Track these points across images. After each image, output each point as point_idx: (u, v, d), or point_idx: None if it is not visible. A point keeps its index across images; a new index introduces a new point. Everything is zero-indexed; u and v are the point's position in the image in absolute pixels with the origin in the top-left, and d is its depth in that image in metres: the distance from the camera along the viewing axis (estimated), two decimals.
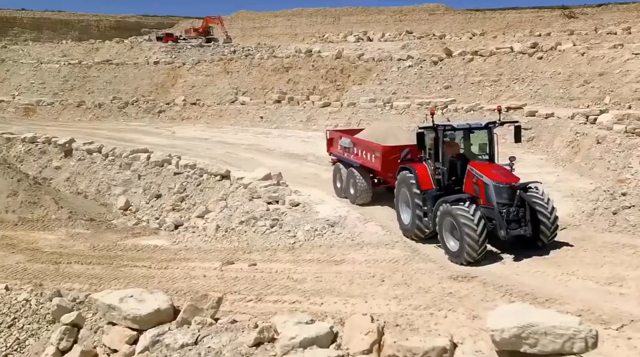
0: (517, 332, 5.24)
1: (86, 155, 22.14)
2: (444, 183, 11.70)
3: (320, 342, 6.54)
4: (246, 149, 24.16)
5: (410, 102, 29.21)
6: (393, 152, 13.76)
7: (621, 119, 18.21)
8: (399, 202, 12.77)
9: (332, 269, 10.44)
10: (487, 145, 12.10)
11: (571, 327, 5.25)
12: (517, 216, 10.64)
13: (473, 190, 11.14)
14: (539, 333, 5.21)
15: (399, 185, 12.76)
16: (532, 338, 5.22)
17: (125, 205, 18.89)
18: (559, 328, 5.21)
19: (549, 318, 5.36)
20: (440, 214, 10.93)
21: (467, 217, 10.27)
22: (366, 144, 14.97)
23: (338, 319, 7.23)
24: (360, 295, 8.78)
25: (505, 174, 11.33)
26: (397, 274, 9.64)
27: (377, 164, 14.26)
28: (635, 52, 28.93)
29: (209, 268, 11.37)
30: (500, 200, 10.68)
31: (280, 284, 9.88)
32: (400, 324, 6.78)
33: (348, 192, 15.35)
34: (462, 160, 11.85)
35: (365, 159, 14.86)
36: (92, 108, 41.76)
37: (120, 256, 13.15)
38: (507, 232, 10.44)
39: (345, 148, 15.92)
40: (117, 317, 8.81)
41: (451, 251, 10.75)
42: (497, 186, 10.77)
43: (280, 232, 12.88)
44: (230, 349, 6.94)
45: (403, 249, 11.26)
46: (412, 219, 12.04)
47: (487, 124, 12.05)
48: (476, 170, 11.25)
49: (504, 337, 5.25)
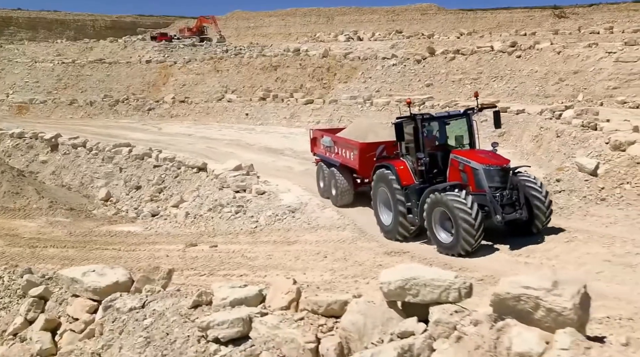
0: (401, 284, 6.00)
1: (71, 150, 22.97)
2: (427, 175, 11.22)
3: (249, 302, 7.32)
4: (227, 144, 25.00)
5: (390, 99, 30.03)
6: (371, 149, 13.32)
7: (580, 114, 19.02)
8: (378, 203, 12.16)
9: (284, 248, 11.28)
10: (466, 134, 11.66)
11: (447, 280, 6.01)
12: (510, 199, 10.18)
13: (460, 178, 10.64)
14: (419, 285, 5.96)
15: (376, 184, 12.16)
16: (414, 289, 5.98)
17: (106, 196, 19.73)
18: (437, 280, 5.98)
19: (429, 273, 6.16)
20: (429, 205, 10.37)
21: (461, 205, 9.72)
22: (345, 141, 14.66)
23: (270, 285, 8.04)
24: (301, 268, 9.61)
25: (494, 156, 10.94)
26: (339, 251, 10.48)
27: (356, 161, 13.87)
28: (608, 51, 29.83)
29: (173, 250, 12.21)
30: (493, 184, 10.22)
31: (234, 261, 10.72)
32: (321, 287, 7.61)
33: (330, 193, 14.91)
34: (442, 151, 11.45)
35: (345, 158, 14.47)
36: (83, 106, 42.62)
37: (94, 240, 13.98)
38: (503, 217, 9.92)
39: (326, 147, 15.47)
40: (80, 289, 9.58)
41: (444, 244, 10.21)
42: (488, 169, 10.29)
43: (244, 218, 13.71)
44: (172, 310, 7.73)
45: (352, 231, 12.09)
46: (395, 218, 11.44)
47: (466, 111, 11.72)
48: (462, 157, 10.79)
49: (390, 289, 6.02)
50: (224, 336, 6.77)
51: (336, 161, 14.79)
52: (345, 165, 14.47)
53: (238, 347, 6.66)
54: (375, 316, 6.19)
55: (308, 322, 6.49)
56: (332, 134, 16.00)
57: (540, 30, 52.52)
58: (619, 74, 28.49)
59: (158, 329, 7.49)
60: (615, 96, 27.62)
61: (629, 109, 26.28)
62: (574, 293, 5.14)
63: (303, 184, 16.52)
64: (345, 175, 14.45)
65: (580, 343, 4.41)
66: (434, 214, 10.34)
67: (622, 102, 26.89)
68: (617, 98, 27.29)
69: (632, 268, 8.02)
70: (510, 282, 5.51)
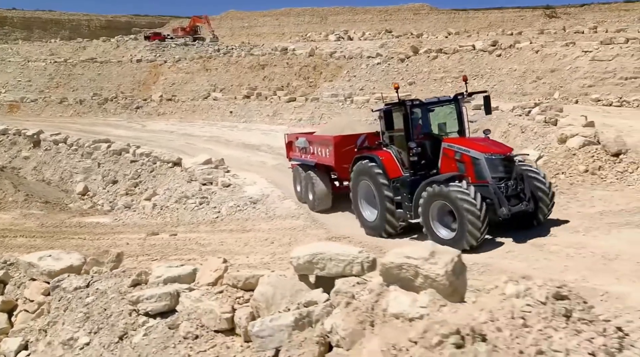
0: (309, 258, 6.53)
1: (52, 146, 23.49)
2: (418, 165, 10.40)
3: (182, 280, 7.85)
4: (207, 141, 25.52)
5: (369, 96, 30.55)
6: (346, 142, 12.46)
7: (544, 110, 19.55)
8: (358, 198, 11.29)
9: (238, 235, 11.79)
10: (453, 121, 10.91)
11: (351, 255, 6.54)
12: (516, 190, 9.45)
13: (455, 169, 9.78)
14: (325, 259, 6.49)
15: (356, 178, 11.24)
16: (321, 263, 6.51)
17: (84, 190, 20.24)
18: (342, 255, 6.50)
19: (335, 248, 6.71)
20: (426, 198, 9.49)
21: (465, 196, 8.91)
22: (319, 139, 13.85)
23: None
24: (246, 253, 10.13)
25: (494, 144, 10.31)
26: (286, 237, 11.00)
27: (331, 158, 12.85)
28: (585, 50, 30.37)
29: (135, 238, 12.71)
30: (496, 174, 9.43)
31: (187, 248, 11.24)
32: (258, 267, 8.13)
33: (307, 197, 13.89)
34: (429, 140, 10.59)
35: (320, 156, 13.50)
36: (73, 104, 43.16)
37: (63, 231, 14.48)
38: (509, 210, 9.07)
39: (301, 149, 14.49)
40: (36, 273, 10.11)
41: (444, 240, 9.07)
42: (491, 158, 9.49)
43: (207, 209, 14.23)
44: (113, 289, 8.26)
45: (305, 220, 12.60)
46: (381, 214, 10.59)
47: (456, 96, 10.91)
48: (458, 145, 9.94)
49: (299, 263, 6.55)
50: (152, 309, 7.32)
51: (312, 161, 13.82)
52: (322, 165, 13.47)
53: (165, 319, 7.21)
54: (285, 287, 6.72)
55: (226, 295, 7.04)
56: (307, 135, 15.01)
57: (531, 30, 53.04)
58: (594, 72, 29.04)
59: (97, 305, 8.05)
60: (590, 94, 28.18)
61: (602, 106, 26.86)
62: (448, 261, 5.67)
63: (271, 178, 17.02)
64: (322, 178, 13.39)
65: (437, 302, 4.93)
66: (432, 209, 9.41)
67: (596, 100, 27.45)
68: (591, 96, 27.86)
69: (539, 248, 8.54)
70: (394, 253, 6.04)
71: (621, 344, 3.83)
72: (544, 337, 3.62)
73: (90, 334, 7.56)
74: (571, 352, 3.51)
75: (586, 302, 4.11)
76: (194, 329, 6.78)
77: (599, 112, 24.46)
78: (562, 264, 7.39)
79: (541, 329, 3.67)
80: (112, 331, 7.26)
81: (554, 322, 3.77)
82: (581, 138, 12.96)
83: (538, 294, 3.98)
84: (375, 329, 5.20)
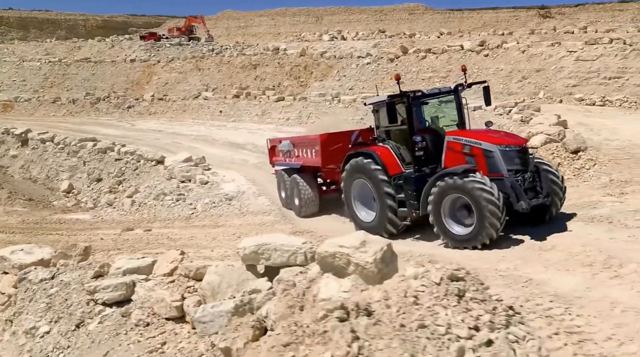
0: (255, 249, 6.86)
1: (40, 144, 23.81)
2: (423, 160, 9.85)
3: (141, 271, 8.17)
4: (194, 140, 25.83)
5: (357, 96, 30.85)
6: (334, 140, 11.96)
7: (522, 109, 19.87)
8: (352, 198, 10.71)
9: (208, 231, 12.10)
10: (451, 113, 10.43)
11: (295, 245, 6.88)
12: (532, 183, 9.06)
13: (463, 162, 9.24)
14: (270, 249, 6.83)
15: (349, 177, 10.63)
16: (266, 253, 6.84)
17: (69, 188, 20.55)
18: (286, 246, 6.84)
19: (280, 239, 7.03)
20: (438, 193, 8.93)
21: (486, 188, 8.38)
22: (304, 140, 13.31)
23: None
24: (212, 247, 10.45)
25: (508, 135, 9.92)
26: (253, 232, 11.29)
27: (318, 158, 12.24)
28: (569, 50, 30.68)
29: (111, 234, 13.03)
30: (512, 166, 8.96)
31: (158, 242, 11.55)
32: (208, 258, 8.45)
33: (292, 203, 13.22)
34: (429, 134, 10.06)
35: (306, 158, 12.92)
36: (66, 104, 43.46)
37: (43, 227, 14.80)
38: (528, 204, 8.63)
39: (285, 152, 13.92)
40: (8, 266, 10.43)
41: (459, 236, 8.74)
42: (506, 150, 9.01)
43: (183, 205, 14.55)
44: (76, 280, 8.58)
45: (276, 216, 12.91)
46: (381, 213, 10.01)
47: (457, 87, 10.40)
48: (467, 138, 9.40)
49: (245, 253, 6.88)
50: (108, 298, 7.65)
51: (297, 164, 13.29)
52: (308, 167, 12.95)
53: (120, 308, 7.53)
54: (232, 277, 7.03)
55: (178, 285, 7.37)
56: (291, 138, 14.57)
57: (525, 31, 53.35)
58: (579, 72, 29.35)
59: (60, 296, 8.37)
60: (574, 94, 28.47)
61: (585, 105, 27.18)
62: (377, 250, 6.02)
63: (249, 175, 17.32)
64: (308, 181, 12.79)
65: (359, 286, 5.25)
66: (444, 204, 8.89)
67: (579, 99, 27.74)
68: (575, 95, 28.15)
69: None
70: (328, 243, 6.38)
71: (508, 321, 4.15)
72: (430, 313, 3.93)
73: (50, 323, 7.88)
74: (452, 327, 3.82)
75: (483, 284, 4.42)
76: (145, 317, 7.09)
77: (580, 112, 24.78)
78: (500, 254, 7.71)
79: (430, 307, 3.98)
80: (70, 319, 7.58)
81: (445, 300, 4.08)
82: (544, 136, 13.31)
83: (434, 276, 4.29)
84: (303, 312, 5.51)
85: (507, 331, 4.08)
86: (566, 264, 6.60)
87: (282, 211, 13.31)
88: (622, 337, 4.52)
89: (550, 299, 5.35)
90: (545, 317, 4.83)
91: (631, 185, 9.97)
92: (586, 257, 6.81)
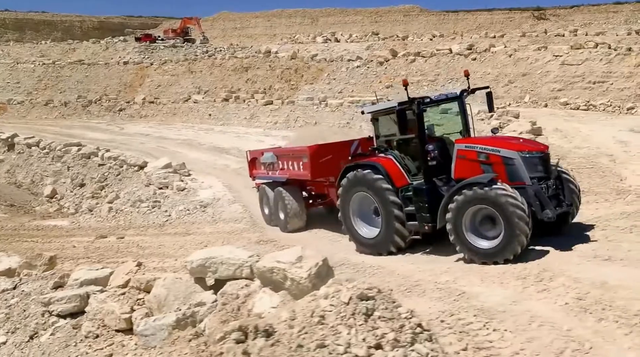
0: (202, 262, 7.02)
1: (25, 149, 23.98)
2: (435, 169, 9.37)
3: (98, 282, 8.32)
4: (179, 144, 26.00)
5: (343, 100, 31.04)
6: (325, 152, 11.50)
7: (501, 115, 20.06)
8: (351, 214, 10.08)
9: (178, 239, 12.27)
10: (458, 119, 10.07)
11: (241, 259, 7.03)
12: (555, 191, 8.77)
13: (479, 171, 8.76)
14: (217, 263, 6.98)
15: (348, 190, 10.01)
16: (213, 267, 6.99)
17: (52, 193, 20.71)
18: (232, 259, 6.99)
19: (226, 252, 7.19)
20: (462, 203, 8.34)
21: (516, 201, 7.94)
22: (291, 151, 12.76)
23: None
24: (176, 256, 10.59)
25: (527, 141, 9.63)
26: (220, 241, 11.46)
27: (307, 171, 11.70)
28: (555, 54, 30.89)
29: (84, 241, 13.19)
30: (535, 174, 8.58)
31: (127, 251, 11.71)
32: (179, 270, 8.63)
33: (277, 217, 12.62)
34: (436, 142, 9.68)
35: (292, 171, 12.35)
36: (58, 106, 43.65)
37: (20, 234, 14.94)
38: (554, 212, 8.25)
39: (269, 165, 13.28)
40: None
41: (482, 250, 8.21)
42: (527, 156, 8.64)
43: (158, 212, 14.71)
44: (37, 291, 8.75)
45: (246, 224, 13.07)
46: (388, 228, 9.44)
47: (462, 92, 10.06)
48: (483, 145, 9.00)
49: (193, 267, 7.03)
50: (61, 310, 7.81)
51: (282, 177, 12.70)
52: (295, 181, 12.46)
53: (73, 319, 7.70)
54: (179, 290, 7.20)
55: (128, 297, 7.52)
56: (275, 149, 14.02)
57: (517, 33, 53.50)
58: (564, 76, 29.56)
59: (19, 306, 8.53)
60: (559, 98, 28.69)
61: (570, 109, 27.37)
62: (312, 266, 6.18)
63: (228, 181, 17.48)
64: (294, 194, 12.26)
65: (287, 302, 5.41)
66: (466, 216, 8.35)
67: (564, 104, 27.94)
68: (560, 99, 28.35)
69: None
70: (267, 257, 6.55)
71: (414, 339, 4.31)
72: (333, 333, 4.09)
73: (7, 333, 8.03)
74: (352, 346, 3.98)
75: (394, 302, 4.58)
76: (95, 329, 7.25)
77: (562, 116, 24.97)
78: (445, 266, 7.87)
79: (334, 326, 4.14)
80: (25, 330, 7.73)
81: (351, 320, 4.24)
82: None
83: (343, 296, 4.45)
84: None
85: (410, 349, 4.24)
86: (502, 277, 6.76)
87: (254, 218, 13.47)
88: (529, 353, 4.69)
89: (474, 313, 5.51)
90: (460, 333, 4.99)
91: (587, 195, 10.11)
92: (523, 269, 6.97)
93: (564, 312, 5.43)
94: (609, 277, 6.21)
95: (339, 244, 10.39)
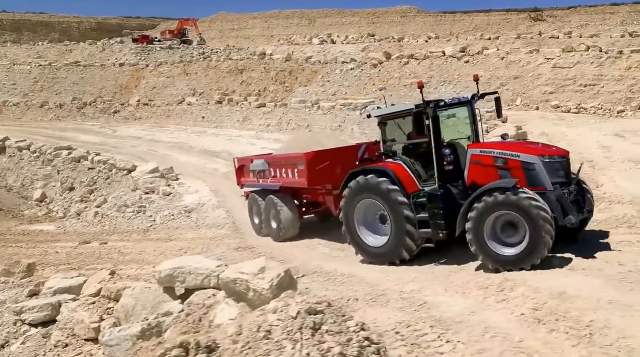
0: (170, 272, 7.08)
1: (17, 152, 24.05)
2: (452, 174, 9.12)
3: (72, 291, 8.40)
4: (170, 147, 26.06)
5: (335, 103, 31.09)
6: (321, 159, 11.22)
7: (488, 119, 20.07)
8: (355, 221, 9.72)
9: (159, 245, 12.33)
10: (467, 124, 9.81)
11: (209, 268, 7.10)
12: (577, 196, 8.62)
13: (496, 177, 8.55)
14: (185, 273, 7.05)
15: (353, 198, 9.66)
16: (181, 276, 7.06)
17: (41, 197, 20.78)
18: (200, 269, 7.05)
19: (195, 262, 7.25)
20: (485, 209, 8.07)
21: (542, 206, 7.76)
22: (285, 158, 12.30)
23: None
24: (155, 262, 10.58)
25: (546, 146, 9.44)
26: (200, 247, 11.54)
27: (303, 178, 11.35)
28: (547, 57, 30.93)
29: (67, 247, 13.25)
30: (556, 179, 8.40)
31: (108, 257, 11.77)
32: (144, 276, 8.68)
33: (269, 226, 12.26)
34: (448, 147, 9.40)
35: (286, 178, 11.96)
36: (53, 108, 43.69)
37: (6, 238, 15.02)
38: (577, 218, 8.09)
39: (259, 172, 12.80)
40: None
41: (505, 257, 7.97)
42: (548, 161, 8.44)
43: (143, 217, 14.77)
44: (12, 299, 8.82)
45: (228, 229, 13.13)
46: (397, 235, 9.13)
47: (473, 96, 9.88)
48: (500, 150, 8.77)
49: (161, 277, 7.10)
50: (33, 318, 7.89)
51: (274, 185, 12.28)
52: (288, 189, 12.12)
53: (44, 328, 7.77)
54: (147, 299, 7.27)
55: (98, 306, 7.59)
56: (266, 156, 13.39)
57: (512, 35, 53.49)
58: (555, 79, 29.59)
59: None
60: (550, 101, 28.71)
61: (561, 112, 27.41)
62: (274, 277, 6.25)
63: (215, 186, 17.54)
64: (287, 203, 11.91)
65: (245, 314, 5.47)
66: (487, 222, 8.11)
67: (555, 106, 27.98)
68: (551, 102, 28.38)
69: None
70: (231, 268, 6.62)
71: (360, 352, 4.37)
72: (277, 348, 4.15)
73: None
74: None
75: (344, 316, 4.64)
76: (65, 338, 7.32)
77: (552, 119, 25.03)
78: (412, 275, 7.93)
79: (279, 341, 4.21)
80: None
81: (297, 334, 4.30)
82: None
83: (292, 310, 4.51)
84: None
85: None
86: (465, 287, 6.82)
87: (237, 224, 13.53)
88: None
89: (431, 324, 5.56)
90: (411, 345, 5.04)
91: None
92: (486, 279, 7.03)
93: (518, 323, 5.49)
94: (568, 287, 6.26)
95: (315, 251, 10.46)
